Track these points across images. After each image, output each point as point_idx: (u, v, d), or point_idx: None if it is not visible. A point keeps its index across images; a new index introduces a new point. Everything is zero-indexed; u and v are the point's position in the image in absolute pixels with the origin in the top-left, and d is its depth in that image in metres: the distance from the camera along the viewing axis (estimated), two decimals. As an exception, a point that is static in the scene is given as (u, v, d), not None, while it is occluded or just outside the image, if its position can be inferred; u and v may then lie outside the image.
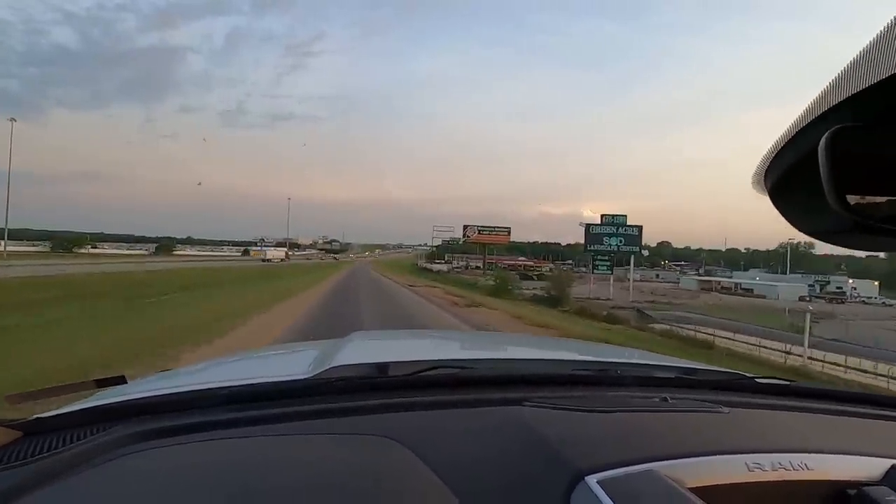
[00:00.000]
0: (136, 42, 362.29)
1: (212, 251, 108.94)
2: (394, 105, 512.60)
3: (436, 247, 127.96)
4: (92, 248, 79.40)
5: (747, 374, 1.13)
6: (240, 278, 25.81)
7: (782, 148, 0.47)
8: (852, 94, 0.38)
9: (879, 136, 0.41)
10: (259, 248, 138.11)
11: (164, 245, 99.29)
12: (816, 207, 0.43)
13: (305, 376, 0.90)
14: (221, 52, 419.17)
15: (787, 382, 1.05)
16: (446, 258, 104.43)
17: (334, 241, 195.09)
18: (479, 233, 63.23)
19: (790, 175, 0.48)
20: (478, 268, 68.09)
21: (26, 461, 0.58)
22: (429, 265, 71.89)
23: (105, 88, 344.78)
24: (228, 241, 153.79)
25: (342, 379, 0.84)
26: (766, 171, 0.51)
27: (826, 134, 0.41)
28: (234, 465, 0.59)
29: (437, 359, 1.04)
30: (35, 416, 0.72)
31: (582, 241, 33.49)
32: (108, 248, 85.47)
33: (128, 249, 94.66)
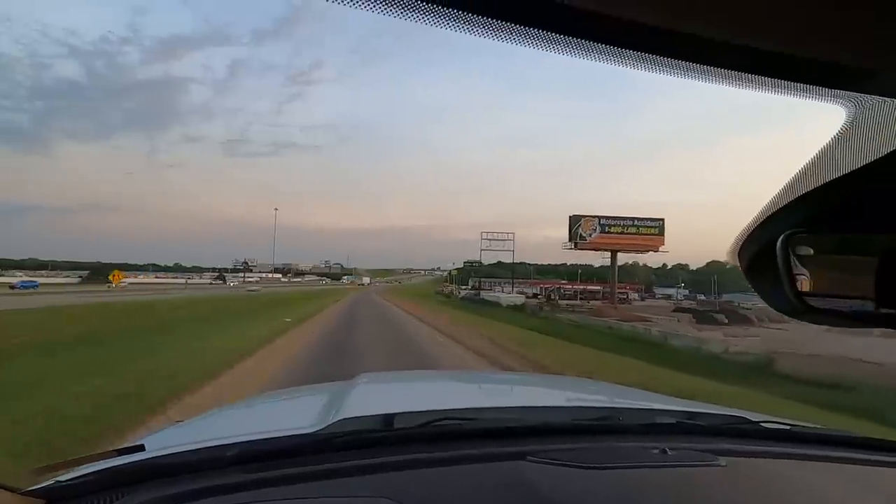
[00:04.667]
0: (139, 74, 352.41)
1: (174, 278, 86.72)
2: (394, 132, 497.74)
3: (458, 270, 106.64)
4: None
5: (750, 418, 1.08)
6: None
7: (751, 234, 0.55)
8: (799, 196, 0.46)
9: (820, 239, 0.51)
10: (242, 275, 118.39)
11: (102, 271, 75.23)
12: (780, 291, 0.52)
13: (313, 429, 0.89)
14: (223, 83, 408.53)
15: (789, 427, 1.02)
16: (471, 283, 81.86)
17: (336, 264, 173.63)
18: (604, 231, 36.90)
19: (758, 258, 0.56)
20: (573, 295, 43.18)
21: None
22: (483, 295, 44.54)
23: (110, 120, 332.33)
24: (215, 268, 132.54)
25: (347, 433, 0.85)
26: (740, 250, 0.58)
27: (780, 237, 0.50)
28: None
29: (442, 409, 1.05)
30: (55, 479, 0.73)
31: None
32: (21, 276, 62.60)
33: (63, 277, 70.86)
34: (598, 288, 64.81)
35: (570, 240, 38.41)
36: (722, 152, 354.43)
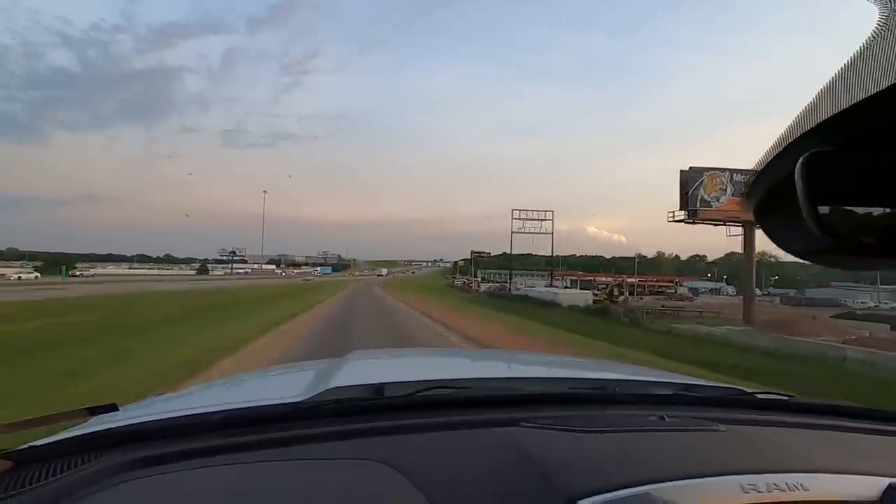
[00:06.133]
0: (133, 63, 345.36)
1: (147, 268, 77.90)
2: (393, 122, 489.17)
3: (464, 261, 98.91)
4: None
5: (747, 390, 1.09)
6: None
7: (763, 169, 0.49)
8: (825, 119, 0.40)
9: (851, 159, 0.43)
10: (227, 265, 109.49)
11: (58, 261, 66.21)
12: (798, 227, 0.44)
13: (300, 398, 0.87)
14: (219, 72, 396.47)
15: (787, 398, 1.03)
16: (480, 275, 73.41)
17: (334, 255, 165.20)
18: (738, 194, 22.80)
19: (772, 196, 0.50)
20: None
21: (18, 492, 0.56)
22: (523, 290, 36.26)
23: (104, 109, 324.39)
24: (205, 260, 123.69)
25: (336, 401, 0.83)
26: (750, 191, 0.53)
27: (801, 158, 0.43)
28: (226, 493, 0.58)
29: (433, 379, 1.02)
30: (27, 444, 0.70)
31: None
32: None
33: (15, 270, 62.10)
34: (633, 280, 55.75)
35: (682, 208, 25.15)
36: (728, 126, 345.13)
